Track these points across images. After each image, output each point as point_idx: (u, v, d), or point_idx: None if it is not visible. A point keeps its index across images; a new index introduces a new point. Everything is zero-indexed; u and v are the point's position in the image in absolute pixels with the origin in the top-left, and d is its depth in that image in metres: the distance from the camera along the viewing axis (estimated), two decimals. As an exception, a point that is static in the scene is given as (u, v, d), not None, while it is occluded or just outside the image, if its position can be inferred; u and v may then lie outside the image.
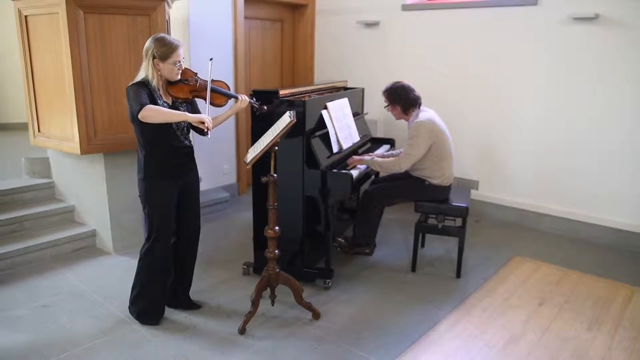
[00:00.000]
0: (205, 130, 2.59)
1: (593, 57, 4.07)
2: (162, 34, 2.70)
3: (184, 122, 2.76)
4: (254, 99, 3.03)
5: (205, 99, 2.75)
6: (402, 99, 3.54)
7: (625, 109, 3.98)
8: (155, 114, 2.49)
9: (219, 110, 2.92)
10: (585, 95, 4.15)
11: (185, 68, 2.74)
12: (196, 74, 2.80)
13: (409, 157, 3.46)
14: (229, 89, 2.91)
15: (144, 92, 2.56)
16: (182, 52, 2.66)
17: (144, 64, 2.65)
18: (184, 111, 2.77)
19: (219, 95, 2.84)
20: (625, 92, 3.96)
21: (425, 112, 3.55)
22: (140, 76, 2.66)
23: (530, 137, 4.49)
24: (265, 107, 3.03)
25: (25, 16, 3.51)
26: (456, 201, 3.59)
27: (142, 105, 2.47)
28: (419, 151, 3.45)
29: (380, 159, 3.59)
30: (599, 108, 4.10)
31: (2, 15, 5.93)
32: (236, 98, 2.90)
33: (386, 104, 3.63)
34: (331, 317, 3.04)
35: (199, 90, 2.77)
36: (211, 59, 2.74)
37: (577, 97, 4.20)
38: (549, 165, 4.43)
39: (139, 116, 2.46)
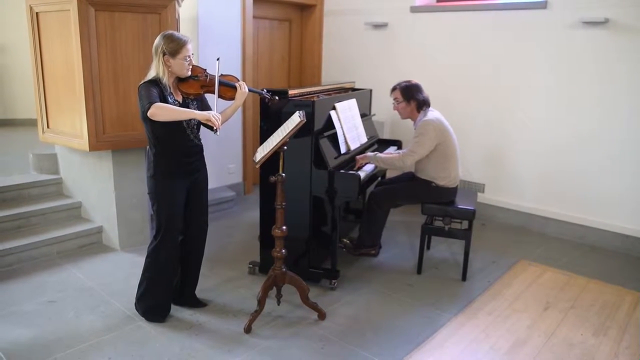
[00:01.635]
0: (215, 128, 2.57)
1: (602, 62, 4.05)
2: (170, 31, 2.71)
3: (194, 120, 2.78)
4: (265, 90, 3.04)
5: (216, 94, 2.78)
6: (418, 96, 3.54)
7: (635, 114, 3.97)
8: (163, 111, 2.50)
9: (226, 104, 2.93)
10: (594, 99, 4.14)
11: (194, 65, 2.75)
12: (205, 69, 2.81)
13: (413, 154, 3.47)
14: (238, 81, 2.91)
15: (155, 91, 2.57)
16: (191, 47, 2.68)
17: (154, 61, 2.66)
18: (194, 108, 2.79)
19: (229, 89, 2.85)
20: (634, 96, 3.95)
21: (433, 112, 3.56)
22: (150, 75, 2.67)
23: (538, 141, 4.48)
24: (277, 97, 3.05)
25: (37, 13, 3.52)
26: (463, 204, 3.58)
27: (151, 103, 2.47)
28: (424, 149, 3.45)
29: (383, 155, 3.59)
30: (608, 112, 4.09)
31: (9, 11, 5.97)
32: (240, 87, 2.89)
33: (397, 101, 3.60)
34: (336, 317, 3.04)
35: (209, 85, 2.78)
36: (218, 59, 2.76)
37: (585, 101, 4.18)
38: (556, 169, 4.42)
39: (148, 114, 2.47)
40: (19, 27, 4.09)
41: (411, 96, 3.55)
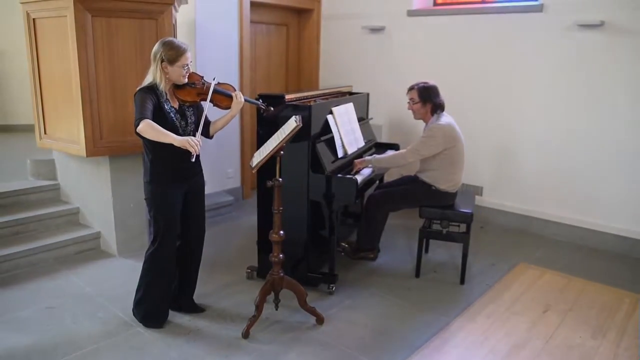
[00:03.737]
0: (193, 153, 2.46)
1: (598, 64, 4.06)
2: (169, 38, 2.72)
3: (190, 126, 2.78)
4: (260, 100, 3.04)
5: (212, 102, 2.80)
6: (434, 98, 3.55)
7: (633, 116, 3.97)
8: (148, 130, 2.47)
9: (222, 112, 2.94)
10: (592, 102, 4.15)
11: (191, 72, 2.76)
12: (202, 77, 2.82)
13: (416, 152, 3.49)
14: (235, 91, 2.92)
15: (150, 101, 2.58)
16: (189, 55, 2.68)
17: (152, 67, 2.67)
18: (190, 115, 2.79)
19: (225, 97, 2.86)
20: (631, 98, 3.96)
21: (447, 117, 3.57)
22: (147, 80, 2.68)
23: (535, 143, 4.49)
24: (272, 108, 3.05)
25: (34, 19, 3.52)
26: (461, 207, 3.58)
27: (141, 119, 2.47)
28: (428, 151, 3.47)
29: (381, 155, 3.62)
30: (606, 114, 4.09)
31: (7, 17, 5.97)
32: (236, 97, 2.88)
33: (413, 101, 3.59)
34: (335, 322, 3.03)
35: (205, 93, 2.78)
36: (214, 79, 2.80)
37: (582, 104, 4.19)
38: (554, 171, 4.42)
39: (137, 130, 2.48)
40: (17, 33, 4.08)
41: (427, 98, 3.55)
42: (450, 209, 3.56)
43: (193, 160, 2.50)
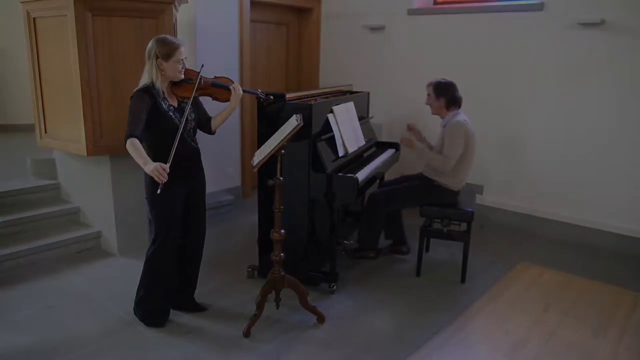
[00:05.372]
0: (160, 184, 2.43)
1: (598, 63, 4.06)
2: (163, 35, 2.73)
3: (190, 124, 2.78)
4: (260, 91, 3.05)
5: (211, 96, 2.83)
6: (448, 94, 3.58)
7: (633, 115, 3.97)
8: (131, 150, 2.51)
9: (223, 106, 2.94)
10: (591, 101, 4.15)
11: (187, 68, 2.76)
12: (199, 73, 2.82)
13: (451, 158, 3.49)
14: (232, 83, 2.92)
15: (144, 109, 2.58)
16: (184, 50, 2.68)
17: (147, 66, 2.67)
18: (190, 112, 2.77)
19: (224, 90, 2.87)
20: (632, 97, 3.96)
21: (463, 115, 3.59)
22: (143, 81, 2.68)
23: (535, 142, 4.49)
24: (272, 97, 3.06)
25: (34, 18, 3.52)
26: (461, 206, 3.59)
27: (128, 137, 2.51)
28: (459, 151, 3.50)
29: (431, 153, 3.59)
30: (605, 113, 4.09)
31: (7, 16, 5.97)
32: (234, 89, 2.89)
33: (429, 96, 3.64)
34: (336, 321, 3.03)
35: (204, 88, 2.80)
36: (202, 65, 2.80)
37: (582, 103, 4.19)
38: (554, 170, 4.42)
39: (125, 146, 2.51)
40: (17, 32, 4.08)
41: (440, 93, 3.59)
42: (452, 207, 3.56)
43: (158, 192, 2.45)
